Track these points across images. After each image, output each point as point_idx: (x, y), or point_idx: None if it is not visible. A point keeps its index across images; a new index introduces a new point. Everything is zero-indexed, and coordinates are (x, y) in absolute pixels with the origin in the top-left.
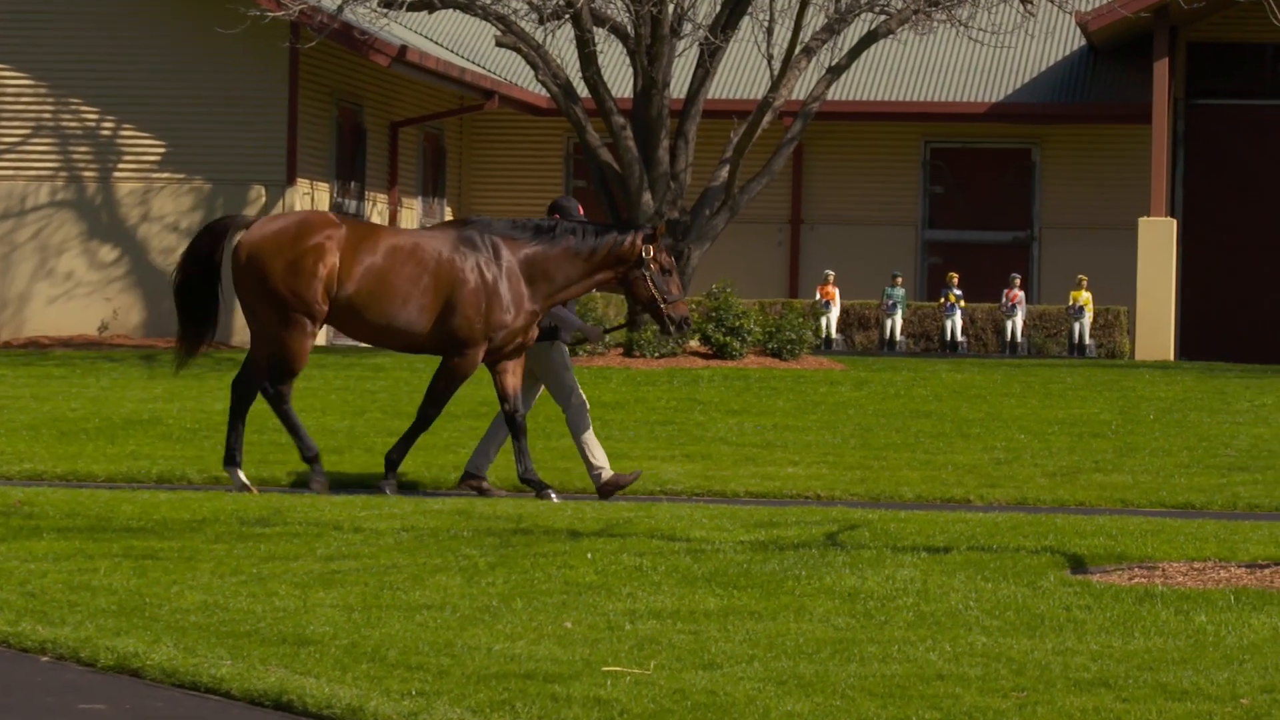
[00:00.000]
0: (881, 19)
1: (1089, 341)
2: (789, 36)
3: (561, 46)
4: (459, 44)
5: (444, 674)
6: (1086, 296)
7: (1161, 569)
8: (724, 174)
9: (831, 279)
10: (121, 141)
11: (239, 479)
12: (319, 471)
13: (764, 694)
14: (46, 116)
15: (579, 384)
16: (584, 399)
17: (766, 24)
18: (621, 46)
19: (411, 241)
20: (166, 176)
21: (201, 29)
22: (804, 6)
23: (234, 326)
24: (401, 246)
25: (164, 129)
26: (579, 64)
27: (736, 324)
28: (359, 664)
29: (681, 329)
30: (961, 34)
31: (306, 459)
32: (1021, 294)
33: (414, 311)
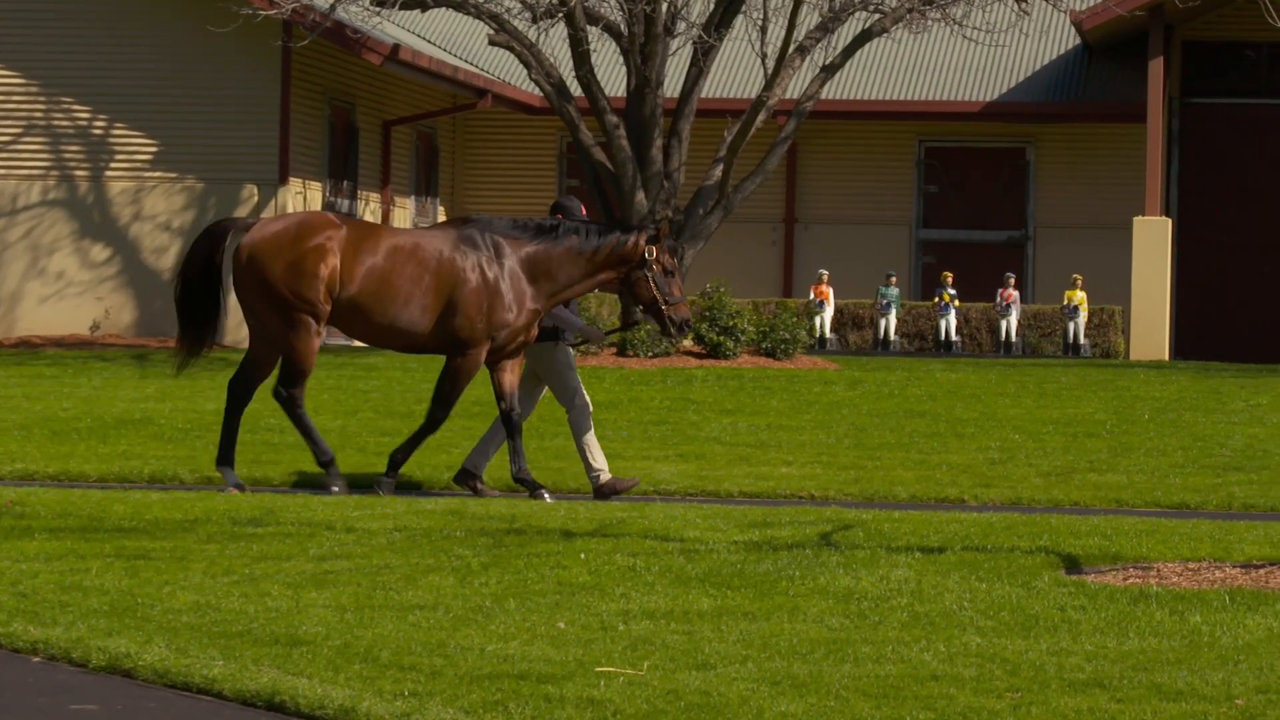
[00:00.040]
0: (876, 17)
1: (1084, 341)
2: (783, 35)
3: (554, 45)
4: (452, 43)
5: (437, 674)
6: (1081, 296)
7: (1156, 569)
8: (718, 173)
9: (825, 278)
10: (113, 140)
11: (231, 479)
12: (335, 475)
13: (758, 694)
14: (38, 115)
15: (582, 385)
16: (587, 400)
17: (760, 22)
18: (615, 45)
19: (412, 241)
20: (158, 175)
21: (194, 27)
22: (798, 5)
23: (226, 326)
24: (402, 246)
25: (156, 128)
26: (572, 63)
27: (730, 324)
28: (351, 664)
29: (683, 331)
30: (956, 33)
31: (321, 463)
32: (1016, 293)
33: (416, 312)
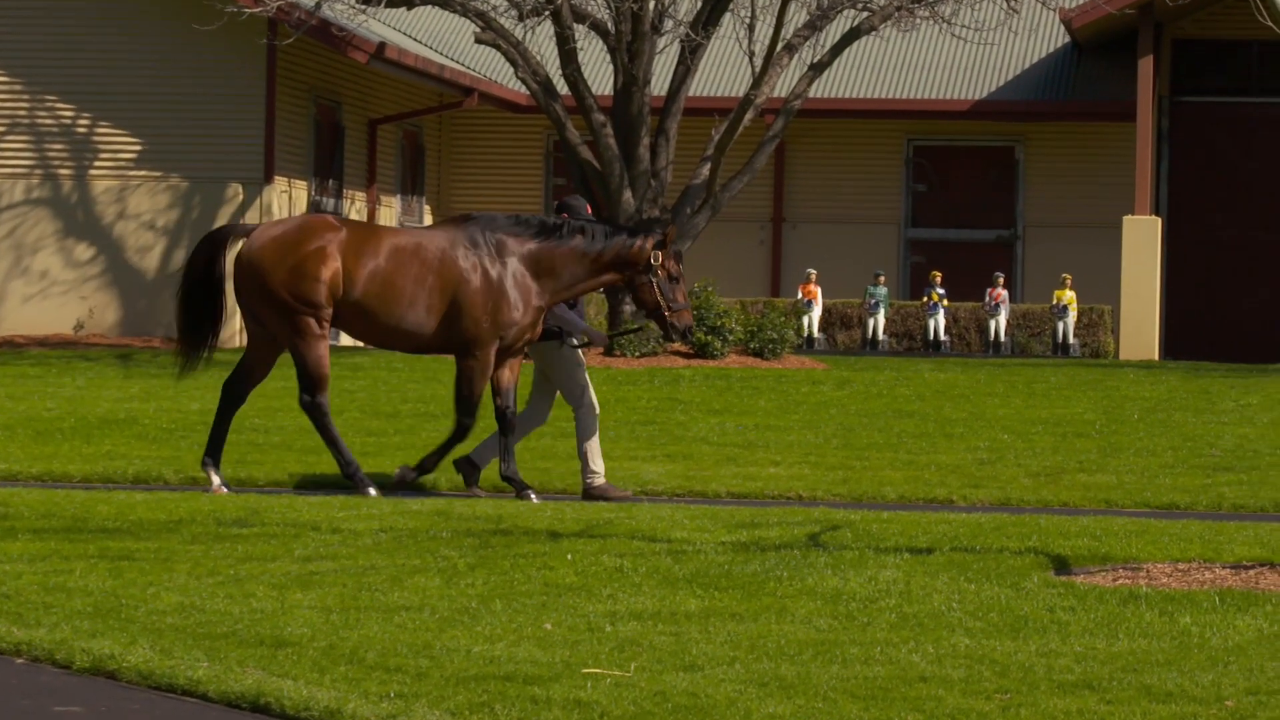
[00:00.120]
0: (864, 16)
1: (1073, 341)
2: (771, 33)
3: (541, 43)
4: (438, 41)
5: (423, 676)
6: (1070, 295)
7: (1146, 570)
8: (705, 172)
9: (814, 278)
10: (98, 139)
11: (214, 479)
12: (363, 482)
13: (745, 696)
14: (22, 113)
15: (591, 386)
16: (595, 402)
17: (748, 21)
18: (602, 43)
19: (414, 241)
20: (143, 174)
21: (178, 25)
22: (786, 3)
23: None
24: (404, 247)
25: (140, 126)
26: (559, 61)
27: (718, 323)
28: (337, 666)
29: (685, 337)
30: (944, 31)
31: (347, 474)
32: (1005, 293)
33: (421, 312)
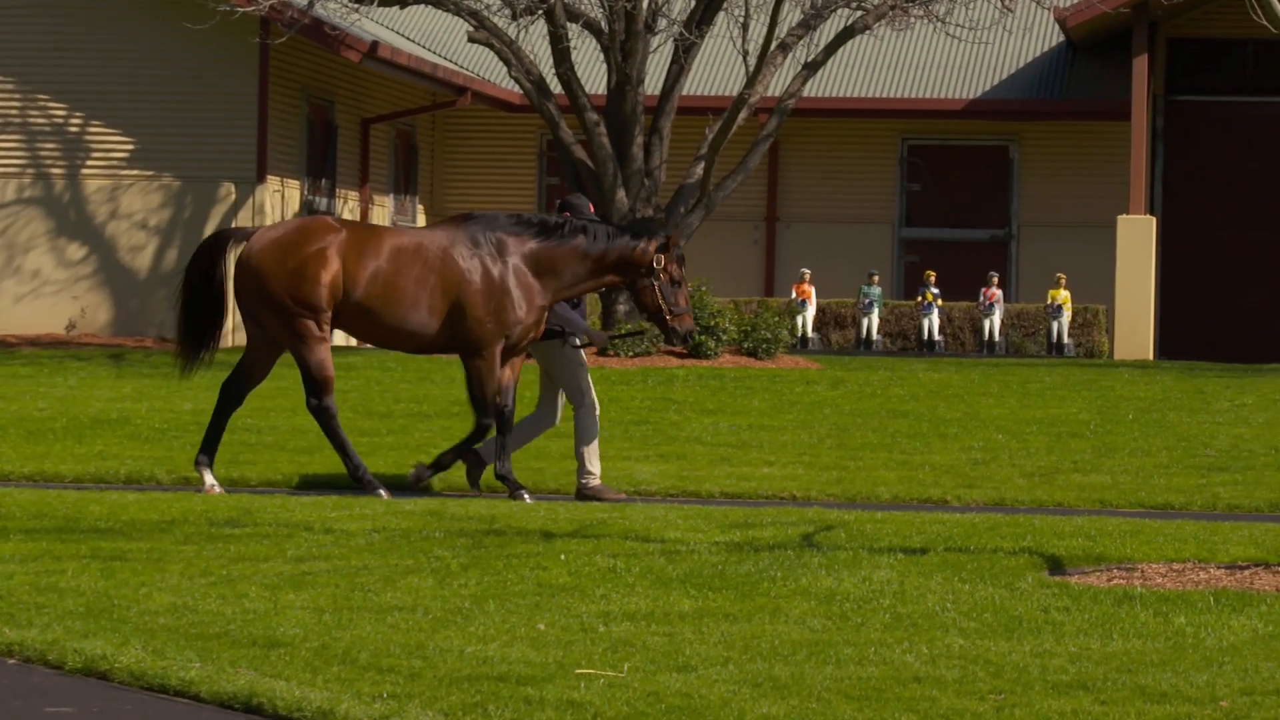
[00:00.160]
0: (858, 15)
1: (1067, 340)
2: (764, 32)
3: (534, 42)
4: (431, 40)
5: (416, 676)
6: (1065, 295)
7: (1140, 570)
8: (699, 171)
9: (808, 277)
10: (90, 138)
11: (208, 479)
12: (371, 485)
13: (739, 696)
14: (13, 112)
15: (593, 387)
16: (596, 403)
17: (742, 19)
18: (595, 42)
19: (415, 241)
20: (135, 174)
21: (171, 24)
22: (780, 2)
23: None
24: (405, 247)
25: (132, 125)
26: (552, 60)
27: (712, 323)
28: (330, 666)
29: (686, 342)
30: (939, 30)
31: (355, 479)
32: (999, 292)
33: (424, 313)
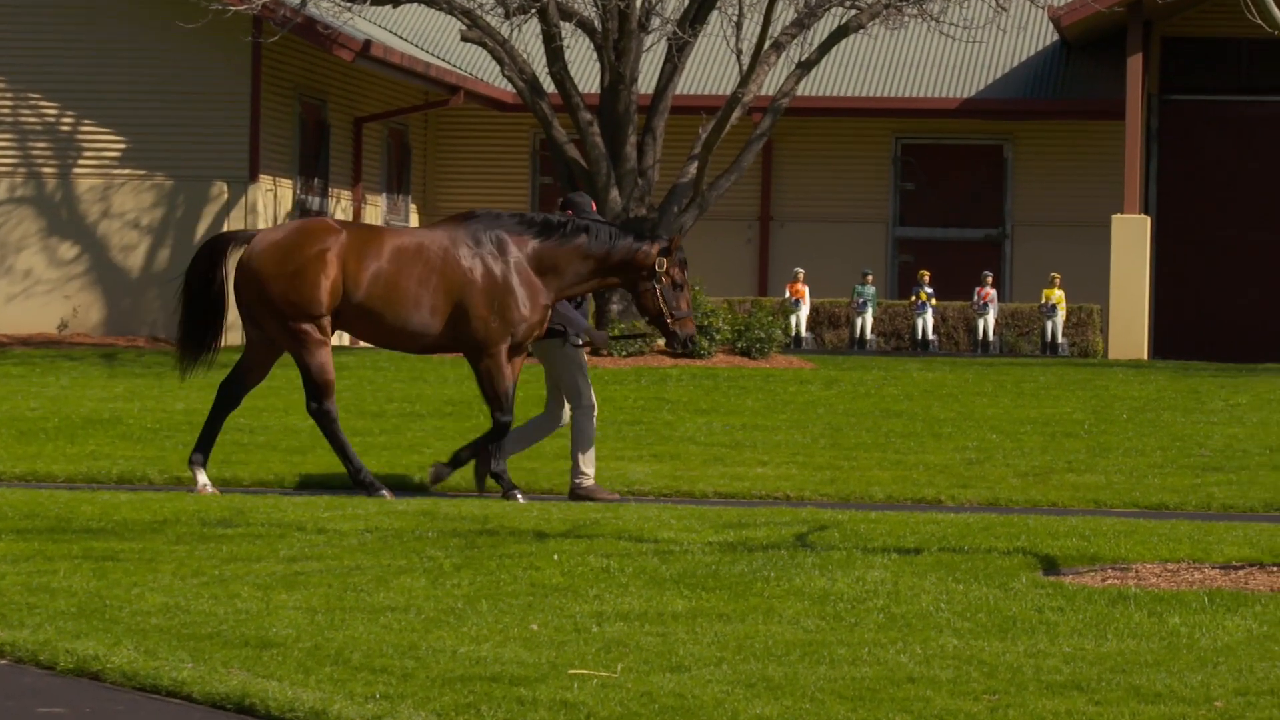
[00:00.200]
0: (852, 13)
1: (1061, 340)
2: (758, 31)
3: (528, 41)
4: (424, 39)
5: (408, 677)
6: (1059, 294)
7: (1135, 570)
8: (692, 170)
9: (801, 277)
10: (82, 137)
11: (200, 478)
12: (373, 487)
13: (732, 697)
14: (5, 111)
15: (591, 388)
16: (594, 404)
17: (735, 18)
18: (588, 41)
19: (416, 241)
20: (127, 173)
21: (163, 23)
22: (773, 1)
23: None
24: (406, 247)
25: (125, 124)
26: (545, 59)
27: (705, 322)
28: (322, 667)
29: (687, 347)
30: (933, 29)
31: (356, 482)
32: (993, 292)
33: (426, 313)
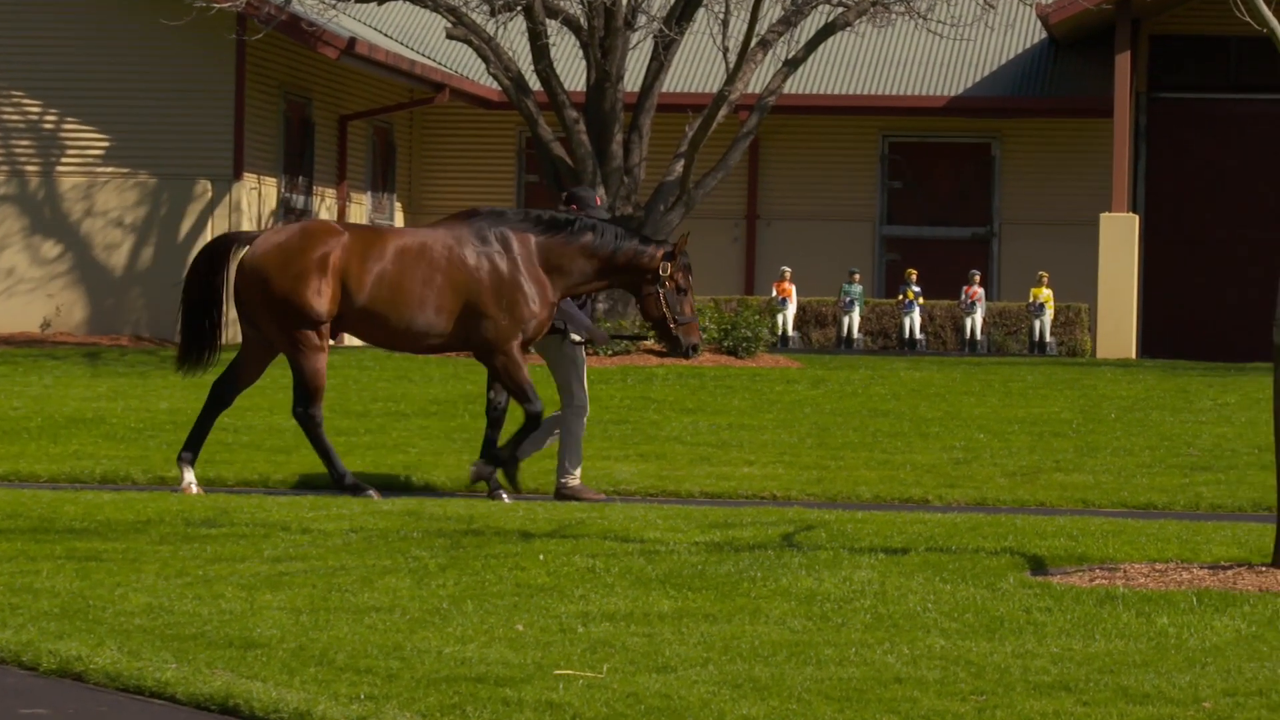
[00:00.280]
0: (839, 11)
1: (1049, 339)
2: (745, 29)
3: (513, 39)
4: (409, 36)
5: (393, 677)
6: (1047, 293)
7: (1123, 570)
8: (679, 168)
9: (788, 275)
10: (64, 135)
11: (187, 476)
12: (359, 489)
13: (718, 697)
14: None
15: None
16: (585, 406)
17: (722, 16)
18: (574, 39)
19: (418, 241)
20: (110, 171)
21: (146, 21)
22: None
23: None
24: (409, 248)
25: (108, 122)
26: (531, 57)
27: None
28: (307, 667)
29: (689, 354)
30: (920, 27)
31: (341, 486)
32: (981, 291)
33: (431, 313)
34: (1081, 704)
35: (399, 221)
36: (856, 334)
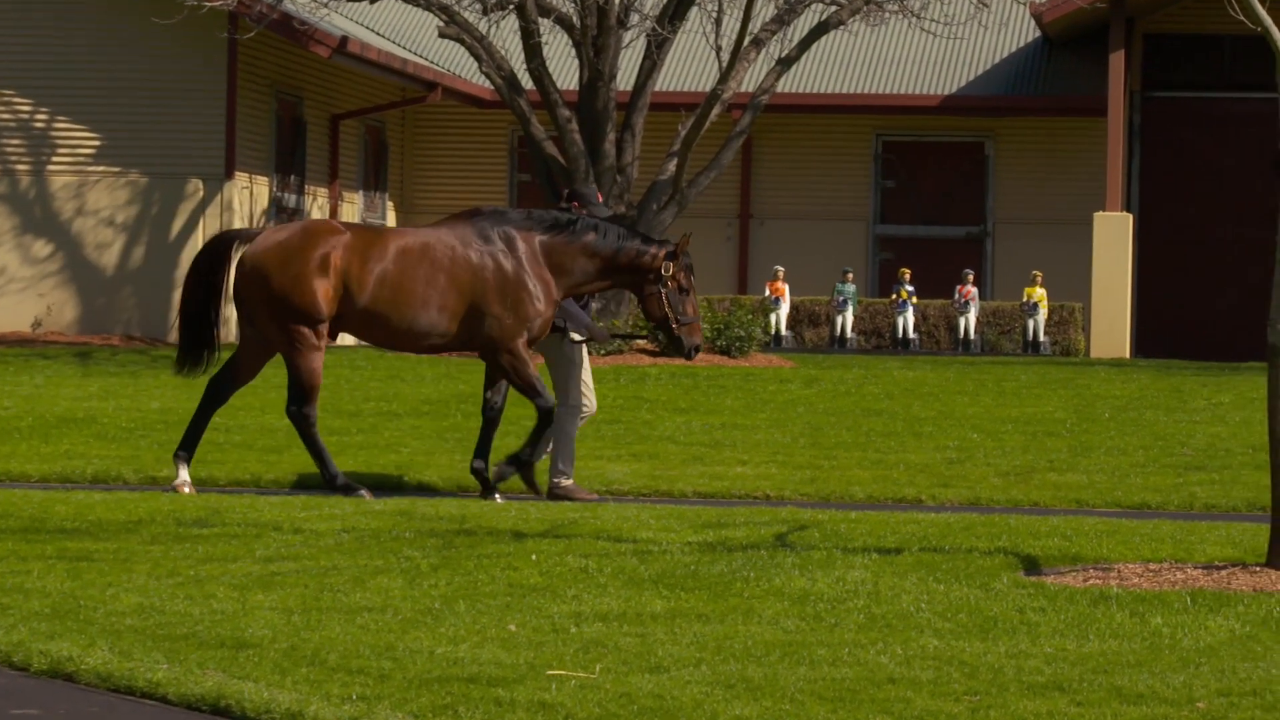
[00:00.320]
0: (832, 10)
1: (1043, 339)
2: (738, 27)
3: (506, 38)
4: (401, 35)
5: (385, 678)
6: (1041, 293)
7: (1117, 570)
8: (672, 167)
9: (781, 275)
10: (55, 134)
11: (181, 473)
12: (351, 489)
13: (711, 698)
14: None
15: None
16: (580, 406)
17: (715, 15)
18: (567, 38)
19: (420, 241)
20: (102, 170)
21: (138, 19)
22: None
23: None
24: (411, 248)
25: (99, 121)
26: (523, 55)
27: None
28: (298, 668)
29: (690, 355)
30: (914, 25)
31: (333, 487)
32: (974, 290)
33: (434, 313)
34: (1075, 704)
35: (391, 221)
36: (850, 333)
